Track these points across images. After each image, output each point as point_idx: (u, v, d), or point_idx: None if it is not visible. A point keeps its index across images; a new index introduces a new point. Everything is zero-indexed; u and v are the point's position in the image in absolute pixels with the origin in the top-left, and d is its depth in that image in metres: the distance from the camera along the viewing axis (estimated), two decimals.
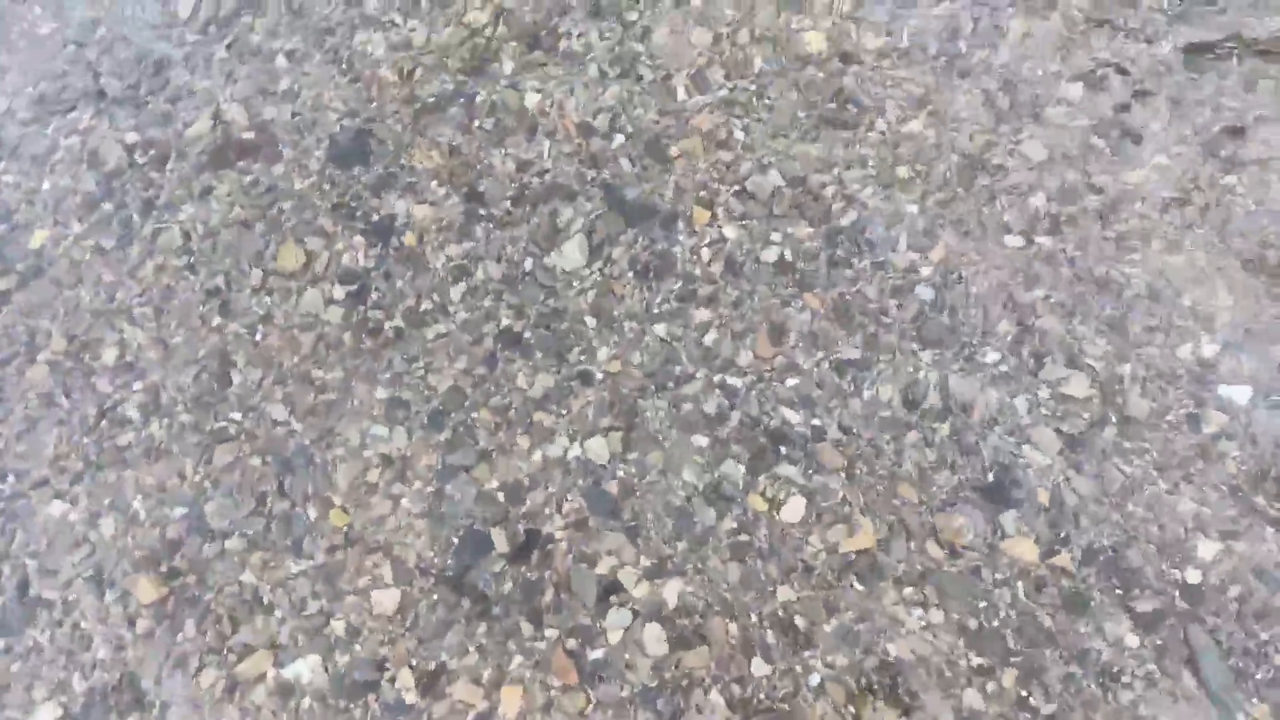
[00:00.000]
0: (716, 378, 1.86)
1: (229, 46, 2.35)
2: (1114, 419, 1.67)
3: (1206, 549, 1.53)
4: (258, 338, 2.03)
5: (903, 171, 1.95)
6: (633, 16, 2.21)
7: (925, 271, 1.86)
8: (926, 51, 2.04)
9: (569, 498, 1.81)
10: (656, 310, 1.93)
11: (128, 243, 2.16)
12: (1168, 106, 1.89)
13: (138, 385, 2.01)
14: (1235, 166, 1.80)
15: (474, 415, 1.89)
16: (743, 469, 1.78)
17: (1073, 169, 1.87)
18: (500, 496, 1.82)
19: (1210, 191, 1.80)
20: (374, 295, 2.04)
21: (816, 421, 1.79)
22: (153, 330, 2.07)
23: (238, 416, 1.96)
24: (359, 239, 2.09)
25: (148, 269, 2.13)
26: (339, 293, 2.05)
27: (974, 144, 1.93)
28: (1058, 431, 1.69)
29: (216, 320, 2.06)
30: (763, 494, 1.74)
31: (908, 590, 1.64)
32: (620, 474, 1.81)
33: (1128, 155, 1.86)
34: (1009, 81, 1.97)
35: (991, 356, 1.77)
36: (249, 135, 2.23)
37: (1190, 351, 1.70)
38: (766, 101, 2.07)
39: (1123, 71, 1.93)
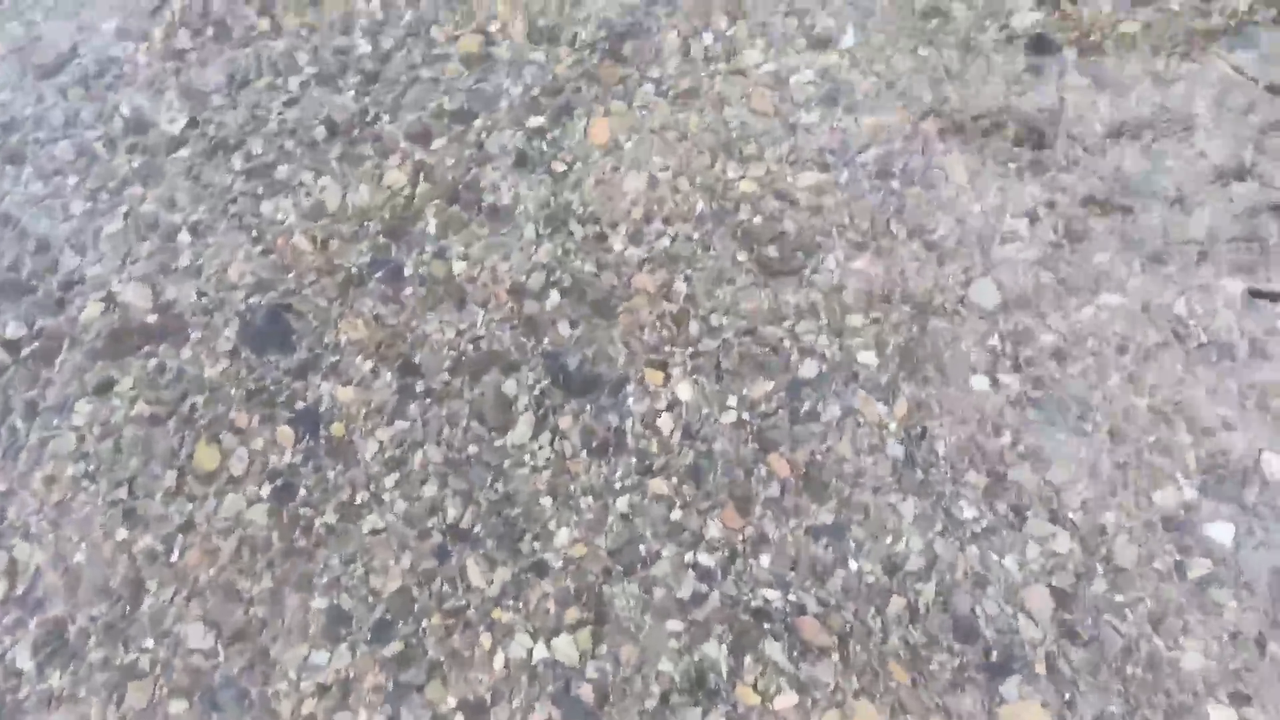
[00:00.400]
0: (687, 555, 1.80)
1: (123, 218, 2.25)
2: (1101, 571, 1.68)
3: (1219, 715, 1.52)
4: (173, 551, 1.90)
5: (855, 320, 1.97)
6: (560, 167, 2.20)
7: (891, 425, 1.86)
8: (864, 191, 2.09)
9: (537, 708, 1.71)
10: (616, 485, 1.88)
11: (16, 450, 2.02)
12: (1111, 237, 1.96)
13: (33, 620, 1.85)
14: (1186, 296, 1.87)
15: (424, 622, 1.79)
16: (725, 651, 1.72)
17: (1025, 310, 1.91)
18: (461, 716, 1.71)
19: (1163, 323, 1.86)
20: (302, 491, 1.94)
21: (794, 597, 1.75)
22: (51, 549, 1.92)
23: (152, 645, 1.81)
24: (283, 429, 1.99)
25: (39, 479, 1.99)
26: (263, 491, 1.94)
27: (923, 286, 1.97)
28: (1049, 588, 1.68)
29: (123, 534, 1.92)
30: (753, 685, 1.67)
31: None
32: (592, 674, 1.73)
33: (1078, 289, 1.92)
34: (951, 219, 2.03)
35: (969, 512, 1.77)
36: (151, 319, 2.13)
37: (1167, 493, 1.73)
38: (707, 250, 2.07)
39: (1056, 205, 2.00)
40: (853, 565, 1.76)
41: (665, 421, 1.93)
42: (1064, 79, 2.13)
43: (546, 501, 1.89)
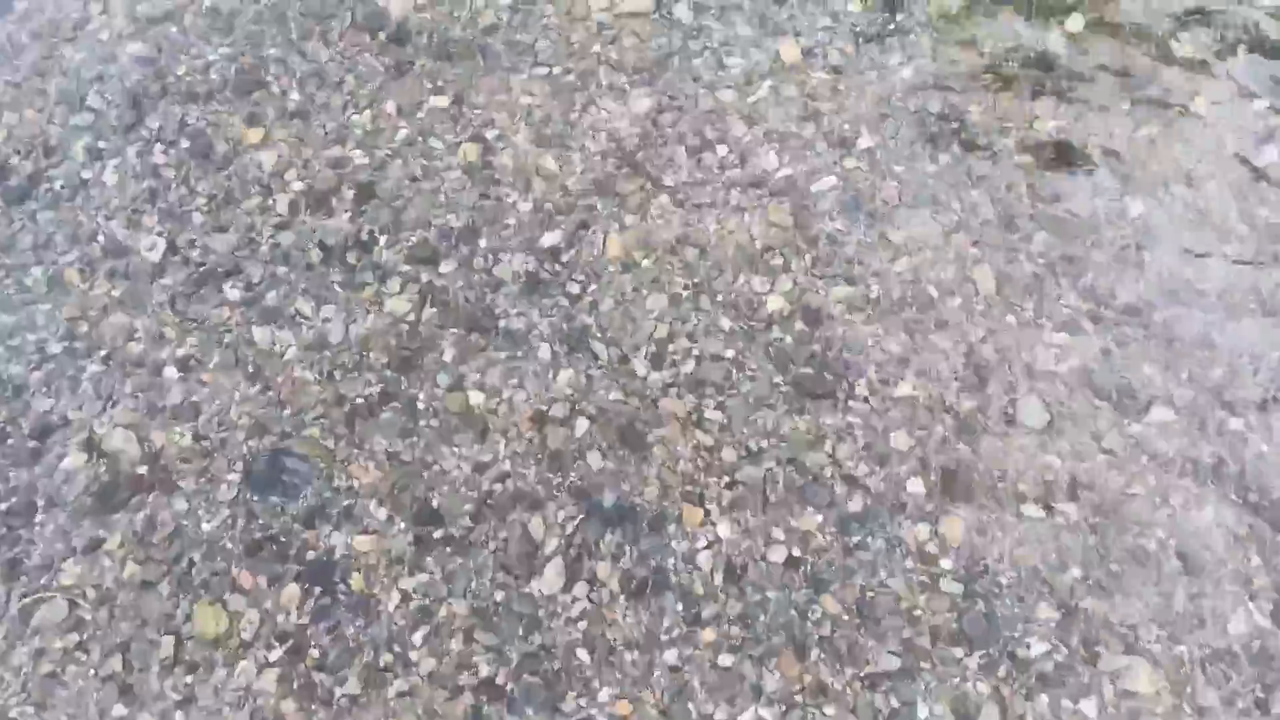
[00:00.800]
0: (747, 711, 1.76)
1: (104, 359, 2.18)
2: (1188, 710, 1.67)
3: None
4: None
5: (899, 441, 1.96)
6: (574, 289, 2.19)
7: (946, 558, 1.85)
8: (896, 303, 2.10)
9: None
10: (662, 635, 1.83)
11: None
12: (1156, 347, 1.99)
13: None
14: (1240, 408, 1.90)
15: None
16: None
17: (1076, 427, 1.93)
18: None
19: (1219, 440, 1.88)
20: (316, 654, 1.86)
21: None
22: None
23: None
24: (291, 588, 1.92)
25: (26, 653, 1.88)
26: (273, 655, 1.86)
27: (967, 404, 1.97)
28: None
29: (119, 712, 1.82)
30: None
31: None
32: None
33: (1127, 407, 1.94)
34: (989, 331, 2.05)
35: (1038, 649, 1.75)
36: (140, 468, 2.05)
37: (1241, 623, 1.73)
38: (739, 373, 2.06)
39: (1099, 319, 2.03)
40: (922, 713, 1.73)
41: (706, 560, 1.89)
42: (1093, 181, 2.18)
43: (585, 655, 1.84)
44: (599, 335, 2.14)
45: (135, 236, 2.34)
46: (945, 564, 1.85)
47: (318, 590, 1.92)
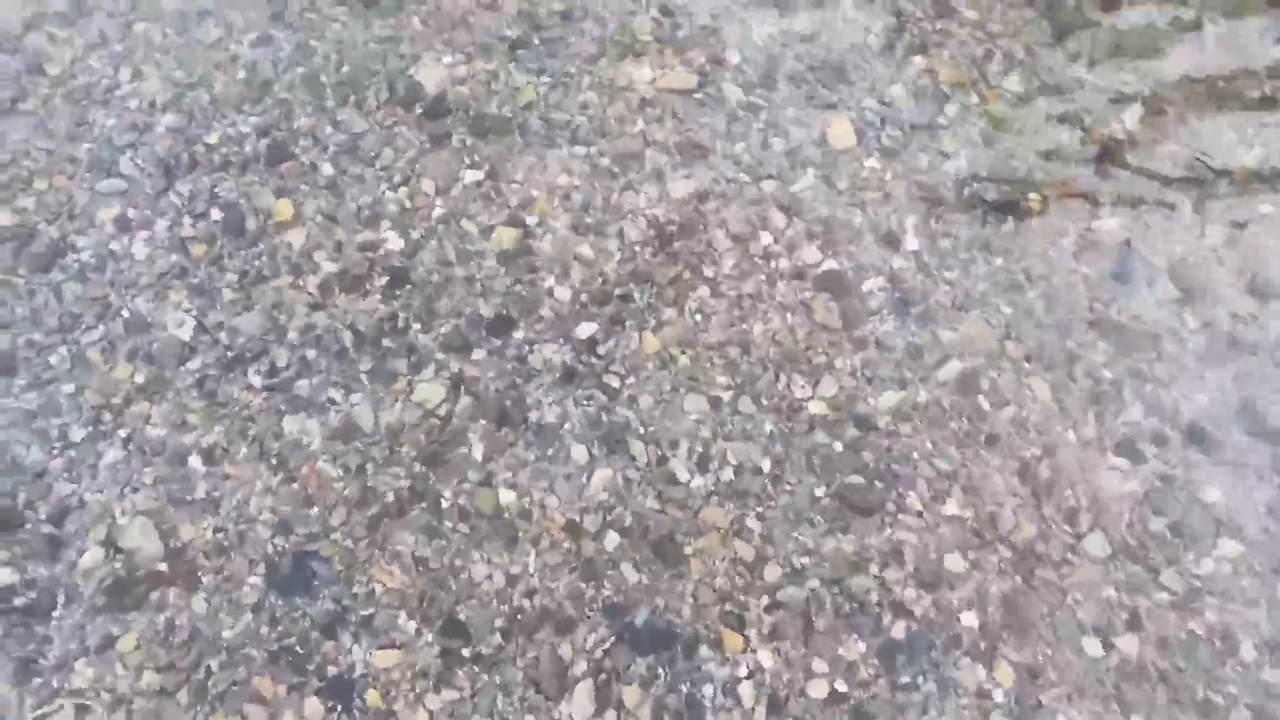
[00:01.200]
0: None
1: (125, 443, 2.07)
2: None
3: None
4: None
5: (952, 563, 1.84)
6: (613, 382, 2.07)
7: (999, 696, 1.72)
8: (947, 412, 1.97)
9: None
10: None
11: None
12: (1222, 474, 1.85)
13: None
14: None
15: None
16: None
17: (1137, 562, 1.79)
18: None
19: None
20: None
21: None
22: None
23: None
24: (312, 702, 1.80)
25: None
26: None
27: (1023, 532, 1.85)
28: None
29: None
30: None
31: None
32: None
33: (1193, 537, 1.80)
34: (1045, 448, 1.91)
35: None
36: (159, 564, 1.94)
37: None
38: (779, 483, 1.94)
39: (1163, 441, 1.90)
40: None
41: (747, 691, 1.77)
42: (1154, 289, 2.04)
43: None
44: (636, 434, 2.02)
45: (162, 313, 2.23)
46: (999, 703, 1.72)
47: (337, 706, 1.81)
